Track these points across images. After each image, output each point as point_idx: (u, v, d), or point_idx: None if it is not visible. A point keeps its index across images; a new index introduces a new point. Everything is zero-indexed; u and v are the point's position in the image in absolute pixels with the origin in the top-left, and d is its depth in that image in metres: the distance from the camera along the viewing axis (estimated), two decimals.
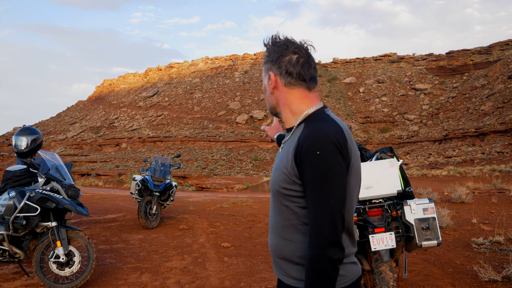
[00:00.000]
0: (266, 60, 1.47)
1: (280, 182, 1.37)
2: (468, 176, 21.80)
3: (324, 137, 1.29)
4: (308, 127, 1.36)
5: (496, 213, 7.89)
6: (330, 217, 1.25)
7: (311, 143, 1.28)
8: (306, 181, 1.29)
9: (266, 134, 2.20)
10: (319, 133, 1.30)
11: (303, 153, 1.29)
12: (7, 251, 4.01)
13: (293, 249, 1.38)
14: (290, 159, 1.34)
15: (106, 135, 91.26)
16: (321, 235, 1.25)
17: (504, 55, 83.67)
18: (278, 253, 1.43)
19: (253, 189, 20.22)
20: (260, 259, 5.27)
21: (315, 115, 1.41)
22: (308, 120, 1.41)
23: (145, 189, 7.77)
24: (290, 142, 1.40)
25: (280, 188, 1.37)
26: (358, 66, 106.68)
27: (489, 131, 53.93)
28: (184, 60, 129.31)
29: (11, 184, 4.10)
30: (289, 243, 1.39)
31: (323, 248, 1.24)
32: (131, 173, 35.15)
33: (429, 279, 4.22)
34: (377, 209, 3.26)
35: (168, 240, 6.49)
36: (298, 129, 1.41)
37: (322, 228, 1.25)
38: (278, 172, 1.39)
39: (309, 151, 1.28)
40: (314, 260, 1.25)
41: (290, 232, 1.39)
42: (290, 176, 1.34)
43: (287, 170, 1.34)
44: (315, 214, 1.27)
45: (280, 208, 1.40)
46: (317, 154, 1.26)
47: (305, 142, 1.30)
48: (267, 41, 1.47)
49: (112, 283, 4.36)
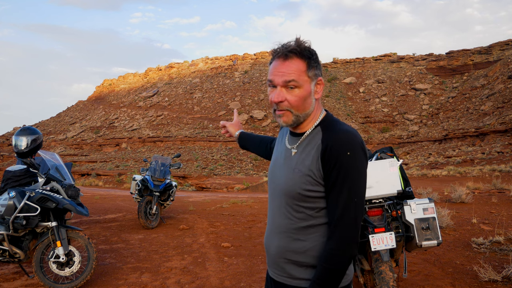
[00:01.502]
0: (313, 65, 1.41)
1: (302, 184, 1.39)
2: (468, 176, 21.79)
3: (352, 139, 1.35)
4: (331, 130, 1.40)
5: (496, 213, 7.88)
6: (355, 215, 1.33)
7: (341, 144, 1.33)
8: (334, 180, 1.33)
9: (226, 130, 2.15)
10: (347, 135, 1.36)
11: (333, 154, 1.33)
12: (7, 251, 4.01)
13: (307, 248, 1.40)
14: (316, 161, 1.37)
15: (106, 135, 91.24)
16: (346, 232, 1.31)
17: (504, 55, 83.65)
18: (287, 255, 1.44)
19: (253, 189, 20.22)
20: (260, 259, 5.27)
21: (329, 119, 1.46)
22: (324, 123, 1.45)
23: (145, 189, 7.77)
24: (310, 145, 1.42)
25: (302, 190, 1.39)
26: (358, 66, 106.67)
27: (489, 131, 53.93)
28: (184, 60, 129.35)
29: (11, 184, 4.10)
30: (302, 243, 1.41)
31: (347, 244, 1.31)
32: (131, 173, 35.15)
33: (429, 279, 4.22)
34: (377, 209, 3.26)
35: (168, 240, 6.49)
36: (315, 132, 1.44)
37: (347, 226, 1.32)
38: (298, 174, 1.40)
39: (339, 152, 1.32)
40: (334, 253, 1.31)
41: (306, 233, 1.41)
42: (316, 177, 1.37)
43: (312, 172, 1.37)
44: (342, 212, 1.32)
45: (297, 210, 1.42)
46: (348, 155, 1.32)
47: (334, 144, 1.34)
48: (307, 44, 1.42)
49: (112, 283, 4.36)
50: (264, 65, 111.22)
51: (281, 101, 1.40)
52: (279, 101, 1.40)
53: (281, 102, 1.40)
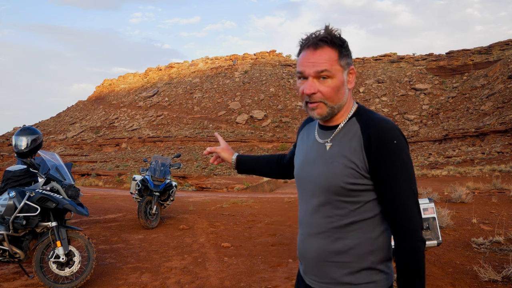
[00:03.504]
0: (345, 54, 1.36)
1: (344, 177, 1.32)
2: (468, 176, 21.80)
3: (394, 127, 1.32)
4: (370, 120, 1.35)
5: (496, 213, 7.88)
6: (416, 202, 1.30)
7: (386, 134, 1.30)
8: (386, 170, 1.29)
9: (216, 157, 1.86)
10: (388, 124, 1.33)
11: (379, 144, 1.29)
12: (7, 251, 4.01)
13: (352, 246, 1.33)
14: (359, 153, 1.31)
15: (106, 135, 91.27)
16: (413, 221, 1.28)
17: (504, 55, 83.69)
18: (329, 257, 1.36)
19: (253, 189, 20.24)
20: (260, 259, 5.27)
21: (363, 110, 1.42)
22: (359, 114, 1.40)
23: (145, 189, 7.77)
24: (347, 137, 1.36)
25: (344, 183, 1.32)
26: (358, 66, 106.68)
27: (489, 131, 53.95)
28: (184, 60, 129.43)
29: (11, 184, 4.10)
30: (344, 242, 1.34)
31: (418, 232, 1.28)
32: (131, 173, 35.16)
33: (429, 279, 4.22)
34: None
35: (168, 240, 6.49)
36: (351, 124, 1.38)
37: (412, 214, 1.29)
38: (339, 167, 1.33)
39: (385, 141, 1.29)
40: (414, 245, 1.28)
41: (347, 230, 1.34)
42: (359, 170, 1.31)
43: (355, 164, 1.31)
44: (401, 201, 1.29)
45: (338, 206, 1.35)
46: (395, 144, 1.29)
47: (378, 134, 1.30)
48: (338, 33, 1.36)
49: (112, 283, 4.36)
50: (264, 65, 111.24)
51: (314, 92, 1.33)
52: (311, 92, 1.33)
53: (314, 93, 1.34)
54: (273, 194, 16.01)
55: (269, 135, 78.85)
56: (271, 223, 7.96)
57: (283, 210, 9.62)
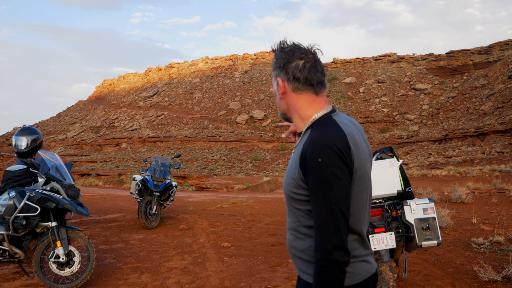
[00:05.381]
0: (275, 67, 1.48)
1: (290, 187, 1.43)
2: (468, 176, 21.80)
3: (325, 144, 1.31)
4: (312, 134, 1.39)
5: (496, 213, 7.89)
6: (333, 222, 1.29)
7: (313, 150, 1.32)
8: (310, 187, 1.34)
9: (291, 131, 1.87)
10: (321, 140, 1.33)
11: (307, 160, 1.34)
12: (7, 251, 4.01)
13: (305, 247, 1.44)
14: (297, 165, 1.39)
15: (106, 135, 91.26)
16: (326, 240, 1.29)
17: (504, 55, 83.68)
18: (293, 251, 1.50)
19: (253, 189, 20.22)
20: (260, 259, 5.27)
21: (320, 121, 1.44)
22: (314, 125, 1.44)
23: (145, 189, 7.76)
24: (298, 147, 1.44)
25: (290, 192, 1.43)
26: (358, 66, 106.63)
27: (489, 131, 53.93)
28: (184, 60, 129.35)
29: (11, 184, 4.10)
30: (301, 241, 1.46)
31: (328, 251, 1.28)
32: (131, 173, 35.11)
33: (429, 279, 4.22)
34: (377, 209, 3.26)
35: (168, 240, 6.49)
36: (305, 134, 1.45)
37: (326, 233, 1.29)
38: (288, 176, 1.44)
39: (311, 158, 1.32)
40: (320, 263, 1.30)
41: (303, 232, 1.45)
42: (298, 181, 1.39)
43: (295, 175, 1.40)
44: (319, 219, 1.31)
45: (292, 211, 1.47)
46: (319, 162, 1.30)
47: (308, 149, 1.34)
48: (275, 47, 1.48)
49: (112, 283, 4.36)
50: (264, 65, 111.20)
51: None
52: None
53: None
54: (273, 194, 16.01)
55: (269, 135, 78.82)
56: (271, 223, 7.96)
57: (283, 210, 9.62)
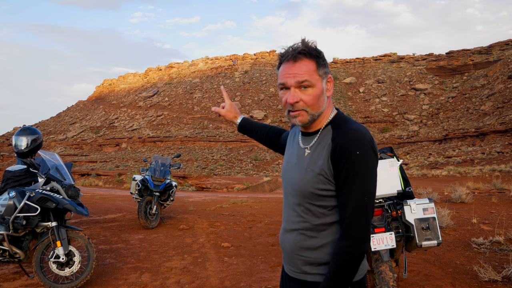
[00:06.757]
0: (321, 64, 1.46)
1: (315, 184, 1.43)
2: (468, 176, 21.80)
3: (361, 138, 1.38)
4: (341, 129, 1.43)
5: (496, 213, 7.89)
6: (366, 213, 1.37)
7: (350, 144, 1.37)
8: (344, 179, 1.37)
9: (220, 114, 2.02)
10: (356, 133, 1.39)
11: (342, 153, 1.37)
12: (7, 251, 4.01)
13: (319, 245, 1.45)
14: (327, 160, 1.41)
15: (106, 135, 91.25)
16: (358, 229, 1.35)
17: (504, 55, 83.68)
18: (301, 252, 1.49)
19: (253, 189, 20.22)
20: (260, 259, 5.27)
21: (340, 117, 1.50)
22: (335, 122, 1.49)
23: (145, 189, 7.77)
24: (321, 144, 1.46)
25: (314, 189, 1.43)
26: (358, 66, 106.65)
27: (489, 131, 53.93)
28: (184, 60, 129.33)
29: (11, 184, 4.10)
30: (315, 240, 1.46)
31: (359, 241, 1.35)
32: (131, 173, 35.11)
33: (429, 279, 4.22)
34: (377, 209, 3.26)
35: (168, 240, 6.49)
36: (326, 131, 1.48)
37: (359, 223, 1.35)
38: (311, 174, 1.44)
39: (349, 151, 1.36)
40: (345, 249, 1.35)
41: (318, 230, 1.46)
42: (327, 176, 1.41)
43: (324, 171, 1.41)
44: (353, 209, 1.36)
45: (310, 208, 1.46)
46: (357, 154, 1.36)
47: (344, 143, 1.38)
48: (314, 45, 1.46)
49: (112, 283, 4.36)
50: (264, 65, 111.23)
51: (297, 101, 1.44)
52: (295, 101, 1.43)
53: (297, 102, 1.44)
54: (273, 194, 16.00)
55: None
56: (271, 223, 7.96)
57: None
